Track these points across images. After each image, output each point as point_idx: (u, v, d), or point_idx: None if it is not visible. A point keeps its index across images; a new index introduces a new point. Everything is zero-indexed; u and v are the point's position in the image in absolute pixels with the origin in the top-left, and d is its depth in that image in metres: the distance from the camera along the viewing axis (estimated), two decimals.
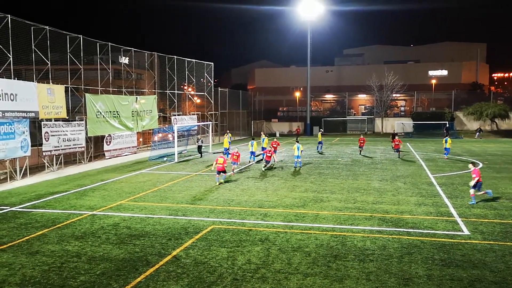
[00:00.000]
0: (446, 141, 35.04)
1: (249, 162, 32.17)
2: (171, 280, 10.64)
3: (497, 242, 13.26)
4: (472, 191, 18.59)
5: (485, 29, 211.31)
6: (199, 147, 36.80)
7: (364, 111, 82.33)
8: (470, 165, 19.48)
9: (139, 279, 10.70)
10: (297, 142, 31.01)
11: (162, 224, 15.54)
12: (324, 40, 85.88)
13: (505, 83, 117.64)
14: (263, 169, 28.53)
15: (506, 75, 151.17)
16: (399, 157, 35.43)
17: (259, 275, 10.93)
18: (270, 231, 14.67)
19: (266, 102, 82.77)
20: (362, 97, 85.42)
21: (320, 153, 39.73)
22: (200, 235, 14.27)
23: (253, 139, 33.36)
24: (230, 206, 18.48)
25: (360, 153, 38.80)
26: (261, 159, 22.95)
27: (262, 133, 40.72)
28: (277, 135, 41.35)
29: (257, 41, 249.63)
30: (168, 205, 18.60)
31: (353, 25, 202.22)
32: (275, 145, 33.68)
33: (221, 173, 23.71)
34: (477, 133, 59.94)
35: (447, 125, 61.66)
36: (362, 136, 40.70)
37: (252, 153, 32.61)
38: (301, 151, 29.94)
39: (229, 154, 31.82)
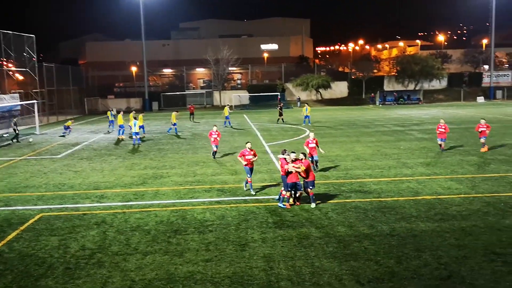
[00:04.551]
0: (306, 110, 38.65)
1: (135, 146, 28.64)
2: None
3: (321, 201, 14.59)
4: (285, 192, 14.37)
5: (309, 5, 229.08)
6: (15, 131, 31.97)
7: (202, 85, 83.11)
8: (301, 155, 14.52)
9: None
10: (135, 118, 29.97)
11: None
12: (159, 13, 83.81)
13: (327, 56, 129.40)
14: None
15: (327, 49, 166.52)
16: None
17: (94, 261, 10.35)
18: (107, 213, 13.99)
19: (101, 78, 78.10)
20: (200, 71, 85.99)
21: (232, 128, 38.26)
22: (26, 225, 12.96)
23: (135, 118, 30.11)
24: (61, 191, 17.12)
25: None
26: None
27: (114, 109, 38.96)
28: (114, 111, 39.29)
29: (87, 13, 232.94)
30: None
31: None
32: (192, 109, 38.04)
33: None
34: (298, 102, 67.39)
35: (279, 96, 65.79)
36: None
37: (136, 133, 29.30)
38: (139, 126, 29.07)
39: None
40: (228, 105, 45.42)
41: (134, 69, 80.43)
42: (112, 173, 20.13)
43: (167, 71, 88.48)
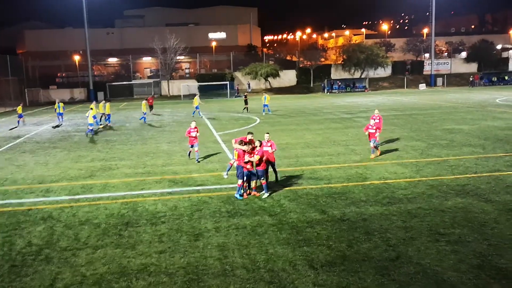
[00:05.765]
0: (265, 98, 38.32)
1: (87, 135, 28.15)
2: None
3: (274, 189, 14.73)
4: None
5: None
6: None
7: (150, 75, 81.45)
8: (257, 142, 14.14)
9: None
10: (91, 109, 29.20)
11: None
12: None
13: (275, 45, 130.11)
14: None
15: (275, 37, 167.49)
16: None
17: (42, 257, 9.98)
18: (53, 208, 13.49)
19: (42, 68, 74.81)
20: (147, 60, 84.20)
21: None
22: None
23: (91, 108, 29.38)
24: (3, 186, 16.35)
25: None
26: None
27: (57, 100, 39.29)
28: (57, 102, 37.77)
29: None
30: None
31: None
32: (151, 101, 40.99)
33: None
34: (248, 88, 69.17)
35: (237, 86, 66.99)
36: None
37: (90, 124, 28.43)
38: (107, 115, 28.25)
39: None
40: (198, 95, 44.71)
41: (77, 58, 77.52)
42: (58, 166, 19.40)
43: (112, 60, 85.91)
